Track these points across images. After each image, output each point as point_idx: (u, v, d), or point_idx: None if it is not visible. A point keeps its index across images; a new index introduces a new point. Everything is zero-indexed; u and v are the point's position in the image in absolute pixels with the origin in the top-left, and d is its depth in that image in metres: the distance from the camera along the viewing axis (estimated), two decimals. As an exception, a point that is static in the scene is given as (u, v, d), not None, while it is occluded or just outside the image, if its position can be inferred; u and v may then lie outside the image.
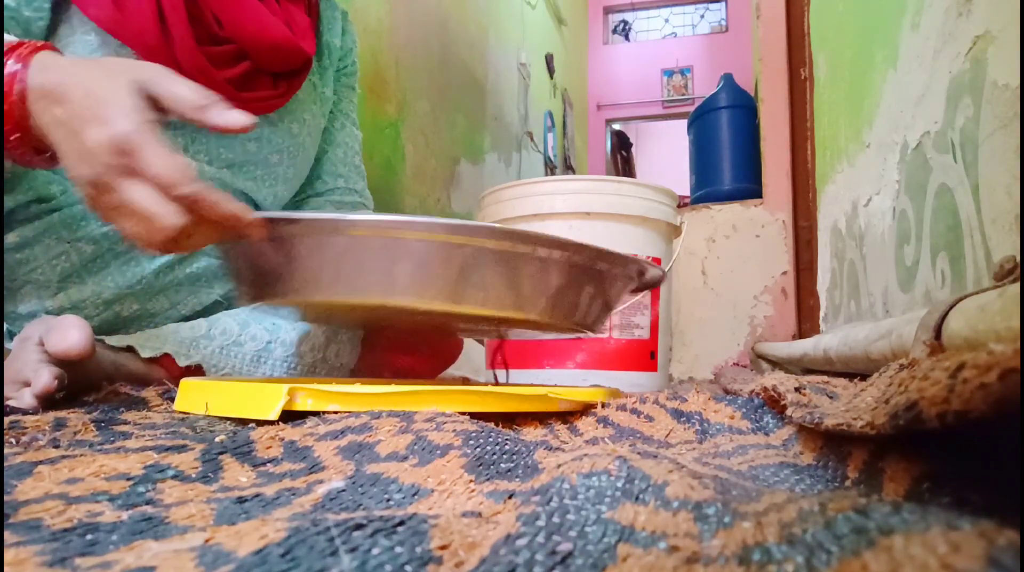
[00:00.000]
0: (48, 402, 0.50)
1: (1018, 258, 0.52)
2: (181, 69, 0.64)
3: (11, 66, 0.45)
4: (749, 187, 2.06)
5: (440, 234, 0.44)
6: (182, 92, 0.46)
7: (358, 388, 0.40)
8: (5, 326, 0.64)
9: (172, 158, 0.43)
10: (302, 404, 0.39)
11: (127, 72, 0.45)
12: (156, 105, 0.45)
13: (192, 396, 0.45)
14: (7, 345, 0.58)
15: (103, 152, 0.42)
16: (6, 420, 0.41)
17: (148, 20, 0.61)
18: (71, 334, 0.49)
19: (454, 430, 0.31)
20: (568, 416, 0.48)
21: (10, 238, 0.62)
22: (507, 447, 0.30)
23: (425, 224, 0.44)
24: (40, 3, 0.60)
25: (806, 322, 1.77)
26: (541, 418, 0.46)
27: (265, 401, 0.39)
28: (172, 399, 0.51)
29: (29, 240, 0.62)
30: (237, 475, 0.28)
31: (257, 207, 0.77)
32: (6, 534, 0.19)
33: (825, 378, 0.58)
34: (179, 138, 0.68)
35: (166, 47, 0.63)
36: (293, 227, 0.45)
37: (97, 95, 0.43)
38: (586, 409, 0.48)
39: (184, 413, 0.46)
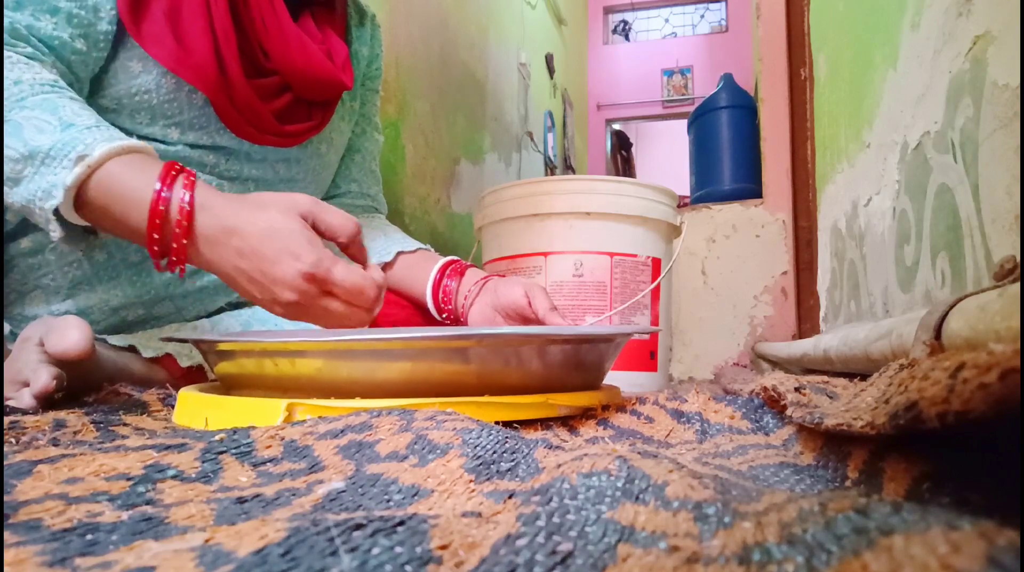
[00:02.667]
0: (47, 402, 0.50)
1: (1018, 258, 0.52)
2: (235, 103, 0.65)
3: (179, 192, 0.50)
4: (749, 187, 2.06)
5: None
6: (336, 221, 0.52)
7: (357, 402, 0.40)
8: (8, 327, 0.64)
9: (357, 273, 0.50)
10: (300, 420, 0.39)
11: (292, 206, 0.51)
12: (317, 230, 0.52)
13: (191, 410, 0.45)
14: (9, 346, 0.58)
15: (300, 281, 0.49)
16: (6, 420, 0.41)
17: (207, 56, 0.62)
18: (70, 334, 0.50)
19: (454, 429, 0.31)
20: (568, 418, 0.48)
21: (24, 243, 0.62)
22: (507, 445, 0.30)
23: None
24: (106, 44, 0.61)
25: (806, 322, 1.77)
26: (541, 419, 0.46)
27: (264, 416, 0.40)
28: (172, 404, 0.51)
29: (43, 246, 0.63)
30: (237, 475, 0.28)
31: None
32: (6, 534, 0.19)
33: (825, 378, 0.57)
34: (209, 155, 0.68)
35: (223, 82, 0.64)
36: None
37: (278, 232, 0.49)
38: (586, 411, 0.48)
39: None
